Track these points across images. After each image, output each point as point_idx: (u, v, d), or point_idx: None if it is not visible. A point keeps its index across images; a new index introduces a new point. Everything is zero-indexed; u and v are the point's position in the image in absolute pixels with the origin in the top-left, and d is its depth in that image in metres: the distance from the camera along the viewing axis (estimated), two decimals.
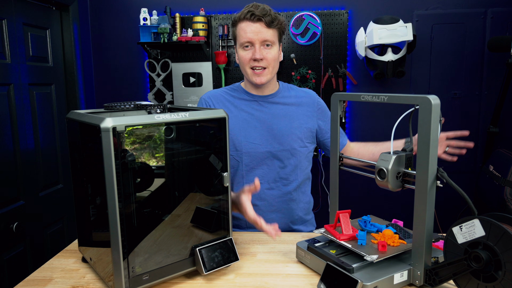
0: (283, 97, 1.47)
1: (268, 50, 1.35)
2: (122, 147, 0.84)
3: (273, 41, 1.35)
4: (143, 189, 0.91)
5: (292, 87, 1.53)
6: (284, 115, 1.44)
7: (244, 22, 1.34)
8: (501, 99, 2.35)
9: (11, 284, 1.90)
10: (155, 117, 0.89)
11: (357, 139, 2.73)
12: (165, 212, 0.96)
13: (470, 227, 0.81)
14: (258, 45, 1.33)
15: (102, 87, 2.84)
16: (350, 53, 2.66)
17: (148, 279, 0.92)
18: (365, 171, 1.04)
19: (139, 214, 0.90)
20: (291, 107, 1.46)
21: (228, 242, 1.04)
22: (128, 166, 0.86)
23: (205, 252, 0.99)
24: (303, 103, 1.48)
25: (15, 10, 2.00)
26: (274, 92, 1.47)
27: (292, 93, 1.50)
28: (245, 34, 1.34)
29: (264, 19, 1.31)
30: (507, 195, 1.92)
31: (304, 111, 1.47)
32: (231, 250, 1.04)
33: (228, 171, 1.03)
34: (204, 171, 1.02)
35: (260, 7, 1.32)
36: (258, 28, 1.32)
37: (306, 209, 1.52)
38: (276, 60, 1.39)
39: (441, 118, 0.87)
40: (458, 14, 2.55)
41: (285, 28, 1.42)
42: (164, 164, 0.95)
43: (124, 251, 0.87)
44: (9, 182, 1.93)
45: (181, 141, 0.98)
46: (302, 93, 1.51)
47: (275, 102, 1.46)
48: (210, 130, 1.02)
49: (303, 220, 1.51)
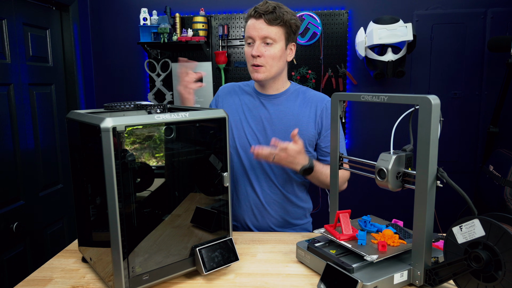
0: (287, 99, 1.43)
1: (268, 47, 1.32)
2: (122, 147, 0.84)
3: (275, 38, 1.32)
4: (143, 189, 0.91)
5: (305, 90, 1.46)
6: (282, 118, 1.40)
7: (251, 19, 1.34)
8: (501, 99, 2.35)
9: (11, 284, 1.90)
10: (155, 117, 0.89)
11: (357, 139, 2.73)
12: (165, 212, 0.96)
13: (470, 227, 0.81)
14: (258, 41, 1.32)
15: (102, 87, 2.84)
16: (350, 53, 2.66)
17: (148, 279, 0.92)
18: (365, 171, 1.04)
19: (139, 214, 0.90)
20: (294, 111, 1.41)
21: (228, 242, 1.04)
22: (128, 166, 0.86)
23: (205, 252, 0.99)
24: (307, 108, 1.41)
25: (15, 10, 2.00)
26: (280, 92, 1.43)
27: (300, 97, 1.43)
28: (248, 30, 1.34)
29: (265, 16, 1.29)
30: (507, 195, 1.92)
31: (306, 117, 1.40)
32: (231, 250, 1.03)
33: (228, 171, 1.03)
34: (204, 171, 1.02)
35: (266, 5, 1.31)
36: (259, 25, 1.31)
37: (298, 214, 1.49)
38: (276, 59, 1.34)
39: (441, 118, 0.87)
40: (458, 14, 2.55)
41: (295, 26, 1.36)
42: (164, 164, 0.95)
43: (124, 251, 0.87)
44: (9, 182, 1.93)
45: (181, 141, 0.98)
46: (313, 97, 1.43)
47: (277, 103, 1.42)
48: (210, 130, 1.02)
49: (293, 224, 1.49)
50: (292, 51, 1.41)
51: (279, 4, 1.33)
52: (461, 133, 2.65)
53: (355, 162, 1.08)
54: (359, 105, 2.72)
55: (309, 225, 1.55)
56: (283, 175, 1.43)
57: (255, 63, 1.34)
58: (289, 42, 1.37)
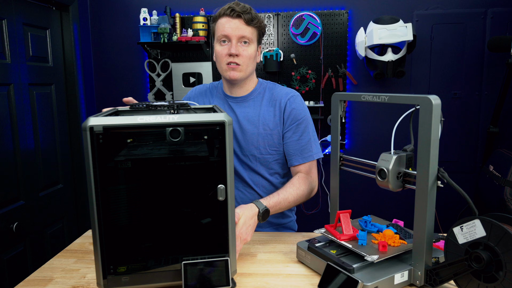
0: (254, 100, 1.41)
1: (245, 47, 1.33)
2: (108, 148, 0.84)
3: (251, 38, 1.33)
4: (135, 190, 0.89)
5: (272, 87, 1.44)
6: (250, 119, 1.38)
7: (224, 18, 1.33)
8: (501, 99, 2.35)
9: (11, 284, 1.90)
10: (138, 119, 0.85)
11: (357, 139, 2.73)
12: (157, 218, 0.91)
13: (471, 228, 0.81)
14: (235, 40, 1.31)
15: (102, 87, 2.84)
16: (350, 53, 2.66)
17: (127, 282, 0.89)
18: (366, 171, 1.04)
19: (123, 215, 0.89)
20: (260, 111, 1.39)
21: (222, 263, 0.90)
22: (116, 166, 0.86)
23: (191, 269, 0.88)
24: (273, 106, 1.39)
25: (15, 10, 2.00)
26: (247, 94, 1.42)
27: (267, 95, 1.41)
28: (223, 28, 1.32)
29: (244, 16, 1.30)
30: (507, 195, 1.92)
31: (272, 116, 1.38)
32: (223, 273, 0.89)
33: (227, 183, 0.90)
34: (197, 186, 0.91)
35: (241, 5, 1.32)
36: (237, 24, 1.31)
37: (276, 215, 1.43)
38: (251, 59, 1.34)
39: (442, 118, 0.87)
40: (458, 14, 2.55)
41: (265, 30, 1.39)
42: (157, 168, 0.90)
43: (102, 248, 0.87)
44: (9, 182, 1.93)
45: (171, 145, 0.90)
46: (279, 96, 1.40)
47: (244, 106, 1.41)
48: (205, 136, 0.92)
49: (273, 224, 1.47)
50: (259, 54, 1.43)
51: (249, 5, 1.35)
52: (461, 133, 2.65)
53: (356, 162, 1.08)
54: (359, 105, 2.72)
55: (293, 223, 1.54)
56: (259, 179, 1.42)
57: (232, 61, 1.33)
58: (259, 44, 1.40)
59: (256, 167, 1.40)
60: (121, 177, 0.87)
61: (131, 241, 0.90)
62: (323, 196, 2.70)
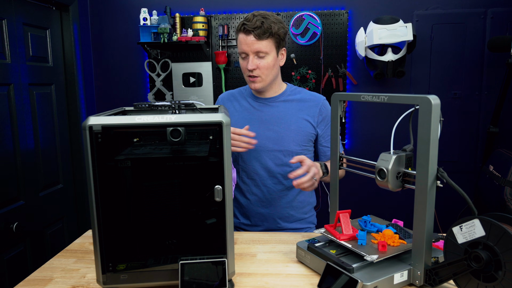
0: (285, 101, 1.51)
1: (261, 60, 1.39)
2: (110, 147, 0.85)
3: (266, 51, 1.38)
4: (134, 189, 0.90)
5: (300, 90, 1.55)
6: (283, 117, 1.48)
7: (240, 34, 1.40)
8: (501, 99, 2.35)
9: (11, 284, 1.90)
10: (136, 118, 0.86)
11: (357, 139, 2.73)
12: (156, 217, 0.92)
13: (470, 227, 0.81)
14: (251, 56, 1.39)
15: (102, 87, 2.84)
16: (350, 53, 2.66)
17: (126, 279, 0.90)
18: (365, 171, 1.04)
19: (123, 214, 0.89)
20: (292, 110, 1.49)
21: (219, 264, 0.91)
22: (115, 165, 0.86)
23: (188, 269, 0.89)
24: (305, 107, 1.50)
25: (15, 10, 2.00)
26: (277, 94, 1.51)
27: (297, 96, 1.52)
28: (240, 45, 1.41)
29: (254, 32, 1.35)
30: (507, 195, 1.92)
31: (304, 115, 1.49)
32: (220, 274, 0.89)
33: (224, 184, 0.89)
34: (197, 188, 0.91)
35: (254, 20, 1.35)
36: (251, 40, 1.37)
37: (299, 208, 1.54)
38: (270, 68, 1.41)
39: (441, 118, 0.87)
40: (458, 14, 2.55)
41: (283, 34, 1.42)
42: (157, 168, 0.91)
43: (102, 247, 0.88)
44: (9, 182, 1.93)
45: (171, 145, 0.90)
46: (309, 96, 1.52)
47: (275, 105, 1.50)
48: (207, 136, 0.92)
49: (294, 218, 1.53)
50: (283, 56, 1.48)
51: (266, 14, 1.38)
52: (461, 133, 2.65)
53: (355, 162, 1.08)
54: (359, 105, 2.72)
55: (313, 218, 1.61)
56: (284, 169, 1.47)
57: (251, 75, 1.41)
58: (280, 49, 1.44)
59: (282, 160, 1.48)
60: (120, 176, 0.88)
61: (130, 240, 0.91)
62: (323, 196, 2.70)
